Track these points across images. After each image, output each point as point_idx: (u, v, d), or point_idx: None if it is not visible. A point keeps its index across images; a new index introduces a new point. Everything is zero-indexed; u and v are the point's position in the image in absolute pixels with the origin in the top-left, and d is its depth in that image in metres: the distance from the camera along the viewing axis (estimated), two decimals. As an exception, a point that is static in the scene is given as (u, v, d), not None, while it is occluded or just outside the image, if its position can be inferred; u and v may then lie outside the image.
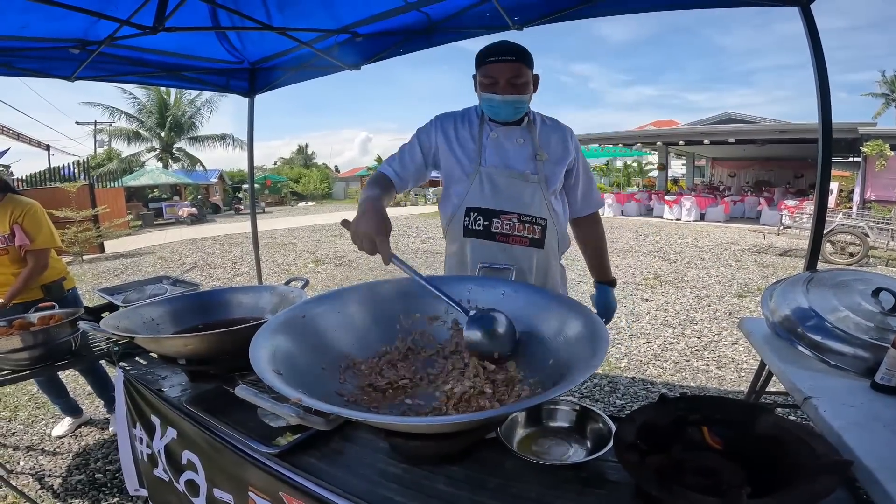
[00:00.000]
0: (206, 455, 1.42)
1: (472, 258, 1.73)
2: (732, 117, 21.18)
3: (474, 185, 1.71)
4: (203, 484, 1.42)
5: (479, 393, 1.11)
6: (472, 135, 1.74)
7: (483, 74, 1.63)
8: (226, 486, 1.34)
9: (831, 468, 0.88)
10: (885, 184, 13.06)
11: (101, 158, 26.97)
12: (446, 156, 1.75)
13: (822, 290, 1.69)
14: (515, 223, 1.70)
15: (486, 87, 1.63)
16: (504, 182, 1.70)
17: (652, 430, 1.03)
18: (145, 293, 2.56)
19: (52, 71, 3.24)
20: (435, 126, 1.78)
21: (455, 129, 1.76)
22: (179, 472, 1.51)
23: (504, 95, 1.61)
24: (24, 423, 3.34)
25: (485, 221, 1.71)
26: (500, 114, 1.68)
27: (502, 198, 1.70)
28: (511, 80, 1.60)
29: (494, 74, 1.61)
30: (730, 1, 2.40)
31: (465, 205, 1.73)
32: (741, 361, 4.15)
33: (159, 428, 1.63)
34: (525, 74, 1.62)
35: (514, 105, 1.64)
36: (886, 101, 32.94)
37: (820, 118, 2.22)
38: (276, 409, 0.92)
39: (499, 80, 1.60)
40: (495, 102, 1.63)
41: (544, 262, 1.78)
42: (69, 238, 10.92)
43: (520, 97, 1.63)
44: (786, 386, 1.51)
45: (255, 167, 4.51)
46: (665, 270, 8.01)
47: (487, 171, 1.70)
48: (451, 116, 1.80)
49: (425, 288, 1.32)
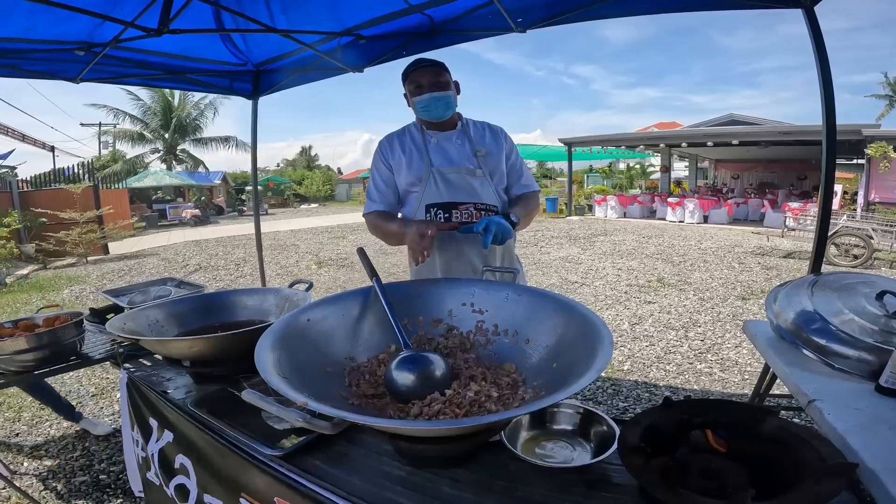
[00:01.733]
0: (199, 459, 1.43)
1: (437, 248, 1.88)
2: (736, 119, 21.16)
3: (429, 184, 1.88)
4: (194, 489, 1.43)
5: (485, 397, 1.11)
6: (416, 144, 1.94)
7: (410, 83, 1.88)
8: (217, 491, 1.35)
9: (836, 471, 0.88)
10: (890, 185, 13.00)
11: (106, 160, 27.07)
12: (399, 168, 1.94)
13: (826, 293, 1.69)
14: (473, 211, 1.86)
15: (414, 92, 1.86)
16: (454, 177, 1.87)
17: (656, 433, 1.04)
18: (150, 295, 2.56)
19: (58, 73, 3.26)
20: (383, 148, 1.99)
21: (400, 144, 1.96)
22: (171, 476, 1.53)
23: (431, 93, 1.82)
24: (28, 424, 3.35)
25: (445, 214, 1.86)
26: (433, 112, 1.86)
27: (456, 191, 1.87)
28: (433, 81, 1.83)
29: (418, 80, 1.85)
30: (732, 3, 2.40)
31: (423, 203, 1.89)
32: (745, 364, 4.13)
33: (156, 431, 1.64)
34: (444, 75, 1.85)
35: (442, 101, 1.84)
36: (890, 102, 32.87)
37: (824, 121, 2.21)
38: (283, 412, 0.93)
39: (423, 83, 1.84)
40: (425, 101, 1.84)
41: (507, 249, 1.97)
42: (73, 239, 10.96)
43: (444, 93, 1.84)
44: (790, 389, 1.51)
45: (258, 169, 4.52)
46: (668, 273, 7.99)
47: (438, 170, 1.88)
48: (393, 135, 2.01)
49: (428, 292, 1.33)
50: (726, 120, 21.49)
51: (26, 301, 7.17)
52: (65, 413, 3.13)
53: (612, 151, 23.98)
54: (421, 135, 1.94)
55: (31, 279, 9.20)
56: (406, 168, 1.91)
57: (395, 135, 2.00)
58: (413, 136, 1.96)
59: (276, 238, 14.09)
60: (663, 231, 14.11)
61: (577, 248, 10.87)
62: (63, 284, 8.48)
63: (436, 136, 1.93)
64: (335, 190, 39.59)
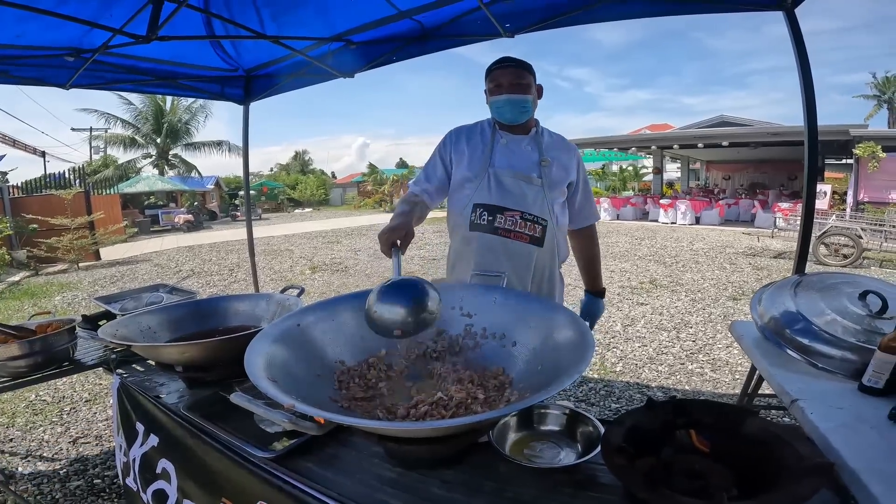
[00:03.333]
0: (183, 463, 1.44)
1: (476, 250, 1.83)
2: (727, 120, 21.31)
3: (482, 184, 1.83)
4: (173, 494, 1.44)
5: (472, 399, 1.13)
6: (484, 142, 1.88)
7: (490, 82, 1.82)
8: (198, 496, 1.36)
9: (815, 470, 0.90)
10: (878, 185, 13.14)
11: (97, 165, 26.87)
12: (458, 163, 1.89)
13: (809, 294, 1.71)
14: (518, 220, 1.80)
15: (493, 91, 1.81)
16: (509, 182, 1.81)
17: (640, 434, 1.05)
18: (142, 301, 2.57)
19: (48, 79, 3.25)
20: (450, 138, 1.94)
21: (467, 139, 1.90)
22: (149, 482, 1.54)
23: (509, 95, 1.77)
24: (21, 430, 3.34)
25: (489, 217, 1.81)
26: (507, 114, 1.81)
27: (507, 196, 1.81)
28: (513, 82, 1.77)
29: (499, 79, 1.79)
30: (715, 7, 2.44)
31: (472, 202, 1.84)
32: (735, 364, 4.17)
33: (141, 436, 1.65)
34: (526, 77, 1.79)
35: (518, 104, 1.79)
36: (878, 102, 33.20)
37: (805, 121, 2.25)
38: (269, 414, 0.94)
39: (503, 83, 1.78)
40: (501, 102, 1.79)
41: (543, 261, 1.87)
42: (65, 245, 10.89)
43: (523, 96, 1.78)
44: (774, 389, 1.53)
45: (251, 173, 4.52)
46: (660, 274, 8.04)
47: (495, 171, 1.82)
48: (464, 129, 1.95)
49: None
50: (717, 121, 21.64)
51: (18, 308, 7.13)
52: None
53: (605, 153, 24.09)
54: (491, 133, 1.88)
55: (23, 286, 9.14)
56: (466, 162, 1.86)
57: (465, 128, 1.96)
58: (483, 133, 1.91)
59: (269, 243, 14.06)
60: (656, 232, 14.18)
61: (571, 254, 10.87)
62: (55, 291, 8.43)
63: (506, 137, 1.87)
64: (329, 194, 39.52)
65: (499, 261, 1.80)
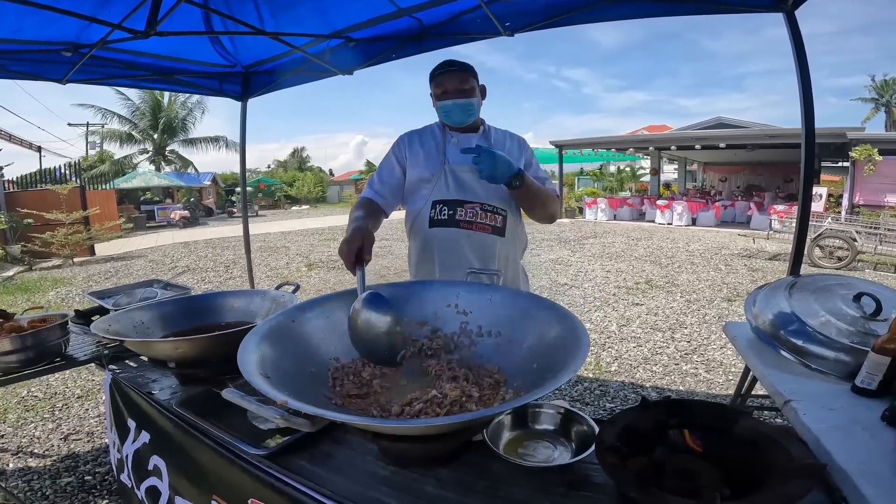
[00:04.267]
0: (175, 460, 1.44)
1: (437, 246, 1.87)
2: (724, 122, 21.35)
3: (440, 182, 1.88)
4: (165, 491, 1.44)
5: (466, 397, 1.13)
6: (436, 142, 1.94)
7: (435, 86, 1.87)
8: (190, 493, 1.36)
9: (805, 471, 0.90)
10: (874, 188, 13.18)
11: (93, 160, 26.77)
12: (414, 163, 1.93)
13: (804, 295, 1.72)
14: (478, 211, 1.85)
15: (439, 96, 1.86)
16: (466, 176, 1.87)
17: (633, 433, 1.05)
18: (136, 297, 2.56)
19: (45, 74, 3.24)
20: (402, 141, 1.99)
21: (420, 141, 1.97)
22: (142, 479, 1.54)
23: (454, 99, 1.82)
24: (13, 426, 3.33)
25: (449, 211, 1.86)
26: (454, 117, 1.87)
27: (465, 190, 1.87)
28: (458, 87, 1.83)
29: (444, 84, 1.84)
30: (714, 8, 2.43)
31: (431, 199, 1.88)
32: (729, 365, 4.18)
33: (133, 432, 1.64)
34: (469, 82, 1.84)
35: (463, 107, 1.84)
36: (876, 105, 33.33)
37: (803, 123, 2.26)
38: (261, 410, 0.94)
39: (448, 87, 1.83)
40: (448, 107, 1.85)
41: (506, 251, 1.92)
42: (59, 240, 10.85)
43: (467, 100, 1.83)
44: (767, 390, 1.54)
45: (249, 170, 4.51)
46: (656, 275, 8.06)
47: (451, 168, 1.88)
48: (416, 132, 2.02)
49: (413, 293, 1.35)
50: (714, 123, 21.67)
51: (11, 303, 7.09)
52: None
53: (603, 154, 24.10)
54: (442, 134, 1.95)
55: (17, 281, 9.10)
56: (421, 163, 1.91)
57: (416, 132, 2.02)
58: (434, 134, 1.97)
59: (266, 240, 14.03)
60: (652, 233, 14.21)
61: (567, 250, 10.92)
62: (49, 286, 8.40)
63: (457, 136, 1.93)
64: (326, 191, 39.45)
65: (462, 254, 1.84)
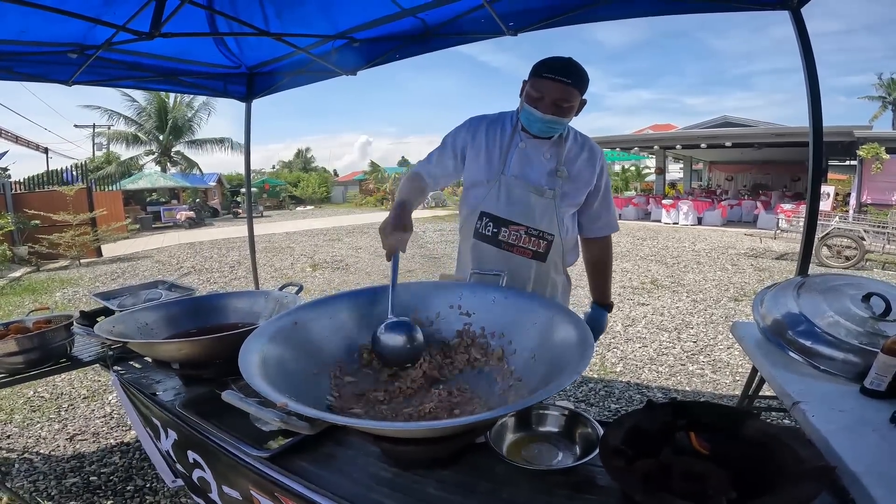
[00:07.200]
0: (206, 455, 1.42)
1: (475, 259, 1.78)
2: (730, 121, 21.26)
3: (492, 191, 1.73)
4: (212, 481, 1.43)
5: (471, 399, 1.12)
6: (502, 142, 1.74)
7: (533, 86, 1.59)
8: (232, 483, 1.35)
9: (815, 474, 0.89)
10: (882, 187, 13.09)
11: (100, 161, 26.90)
12: (472, 159, 1.77)
13: (812, 295, 1.70)
14: (522, 235, 1.73)
15: (531, 99, 1.59)
16: (519, 193, 1.71)
17: (639, 436, 1.04)
18: (141, 298, 2.56)
19: (51, 75, 3.25)
20: (466, 129, 1.79)
21: (485, 134, 1.76)
22: (189, 470, 1.52)
23: (545, 114, 1.57)
24: (19, 426, 3.34)
25: (494, 228, 1.74)
26: (535, 128, 1.65)
27: (515, 208, 1.72)
28: (557, 101, 1.56)
29: (543, 91, 1.56)
30: (719, 6, 2.42)
31: (480, 209, 1.75)
32: (736, 365, 4.15)
33: (161, 430, 1.64)
34: (573, 99, 1.57)
35: (551, 125, 1.61)
36: (883, 104, 33.12)
37: (811, 121, 2.23)
38: (261, 413, 0.93)
39: (545, 97, 1.56)
40: (535, 118, 1.60)
41: (543, 274, 1.80)
42: (66, 241, 10.90)
43: (560, 119, 1.60)
44: (775, 391, 1.52)
45: (253, 171, 4.51)
46: (662, 274, 8.02)
47: (507, 180, 1.71)
48: (484, 120, 1.80)
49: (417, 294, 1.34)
50: (720, 122, 21.59)
51: (18, 304, 7.13)
52: None
53: (608, 153, 24.03)
54: (512, 133, 1.74)
55: (24, 282, 9.14)
56: (481, 164, 1.75)
57: (485, 120, 1.79)
58: (504, 130, 1.75)
59: (270, 240, 14.05)
60: (658, 233, 14.16)
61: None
62: (56, 287, 8.44)
63: (526, 141, 1.72)
64: (331, 192, 39.53)
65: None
